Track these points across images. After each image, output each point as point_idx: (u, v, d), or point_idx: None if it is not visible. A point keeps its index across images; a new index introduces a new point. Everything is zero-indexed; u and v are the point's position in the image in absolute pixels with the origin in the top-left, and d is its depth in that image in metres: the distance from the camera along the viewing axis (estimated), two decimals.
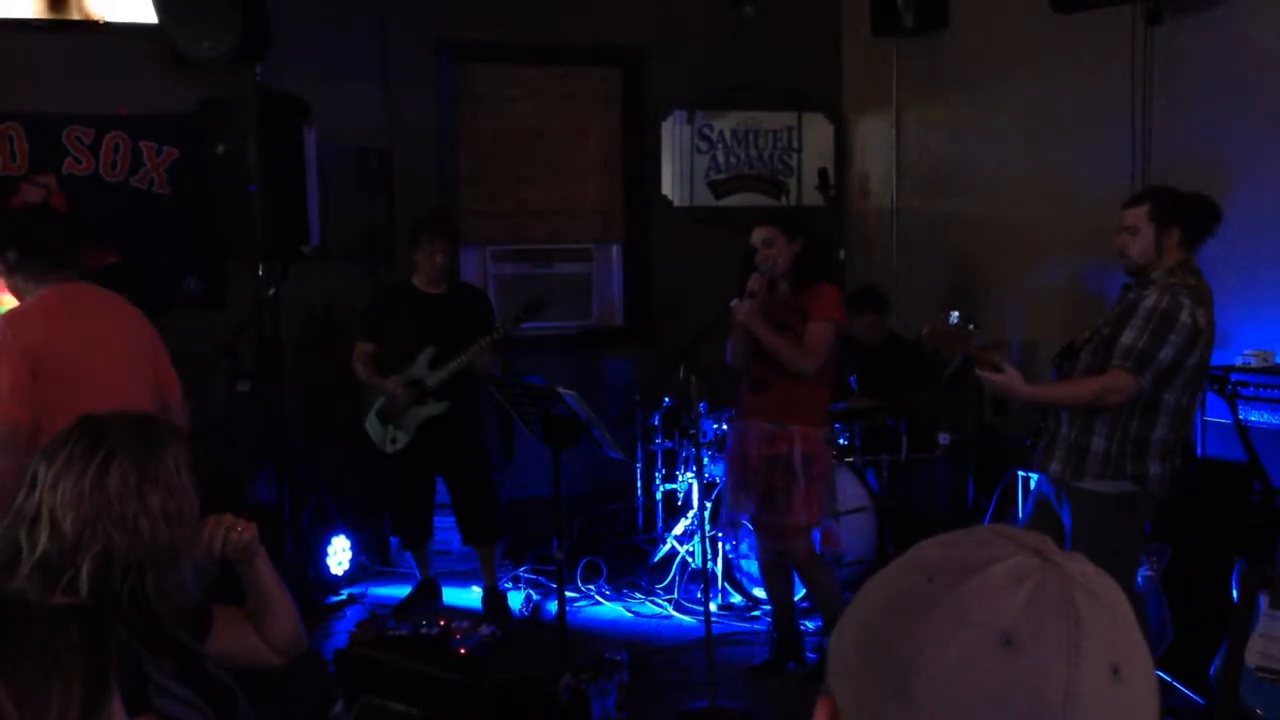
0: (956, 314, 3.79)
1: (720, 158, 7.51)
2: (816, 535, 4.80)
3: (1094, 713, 0.80)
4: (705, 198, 7.50)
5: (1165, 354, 3.67)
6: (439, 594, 5.87)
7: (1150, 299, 3.73)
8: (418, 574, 5.91)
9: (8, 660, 1.16)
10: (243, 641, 2.44)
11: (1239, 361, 4.58)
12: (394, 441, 5.61)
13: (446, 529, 6.14)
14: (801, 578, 4.96)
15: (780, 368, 4.69)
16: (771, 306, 4.75)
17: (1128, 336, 3.71)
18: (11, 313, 3.73)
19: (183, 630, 2.18)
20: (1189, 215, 3.85)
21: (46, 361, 3.58)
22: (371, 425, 5.67)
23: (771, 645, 5.05)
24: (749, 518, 4.91)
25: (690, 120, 7.41)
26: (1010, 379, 3.75)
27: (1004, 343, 6.05)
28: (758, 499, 4.79)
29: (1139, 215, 3.86)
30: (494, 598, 5.73)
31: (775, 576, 5.03)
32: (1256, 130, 4.81)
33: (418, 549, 5.86)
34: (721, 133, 7.49)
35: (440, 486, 5.86)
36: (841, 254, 7.03)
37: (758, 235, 4.78)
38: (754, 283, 4.68)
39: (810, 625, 5.23)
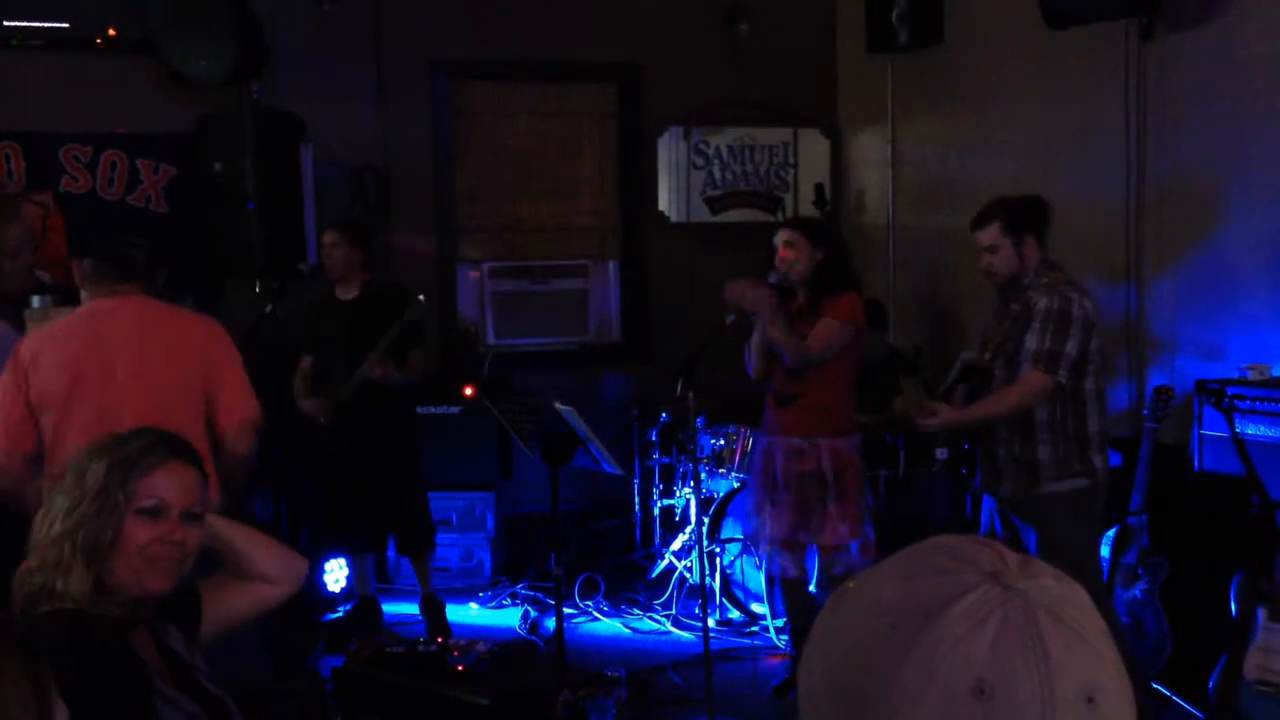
0: (915, 381, 4.18)
1: (716, 174, 7.52)
2: (854, 547, 4.73)
3: None
4: (702, 214, 7.50)
5: (1070, 347, 3.87)
6: (379, 612, 5.70)
7: (1041, 303, 3.92)
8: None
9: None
10: (239, 598, 2.35)
11: (1236, 375, 4.59)
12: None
13: (447, 545, 6.12)
14: (831, 594, 4.92)
15: (802, 378, 4.66)
16: (789, 316, 4.72)
17: (1031, 341, 3.90)
18: (28, 337, 3.62)
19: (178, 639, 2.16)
20: (1035, 218, 4.05)
21: (41, 386, 3.49)
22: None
23: (790, 665, 5.00)
24: (777, 540, 4.80)
25: (686, 136, 7.42)
26: (945, 416, 4.07)
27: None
28: (791, 517, 4.73)
29: (993, 233, 4.02)
30: (432, 605, 5.61)
31: (795, 596, 4.99)
32: (1251, 144, 4.83)
33: (357, 556, 5.75)
34: (718, 148, 7.50)
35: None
36: None
37: (780, 236, 4.72)
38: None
39: None
